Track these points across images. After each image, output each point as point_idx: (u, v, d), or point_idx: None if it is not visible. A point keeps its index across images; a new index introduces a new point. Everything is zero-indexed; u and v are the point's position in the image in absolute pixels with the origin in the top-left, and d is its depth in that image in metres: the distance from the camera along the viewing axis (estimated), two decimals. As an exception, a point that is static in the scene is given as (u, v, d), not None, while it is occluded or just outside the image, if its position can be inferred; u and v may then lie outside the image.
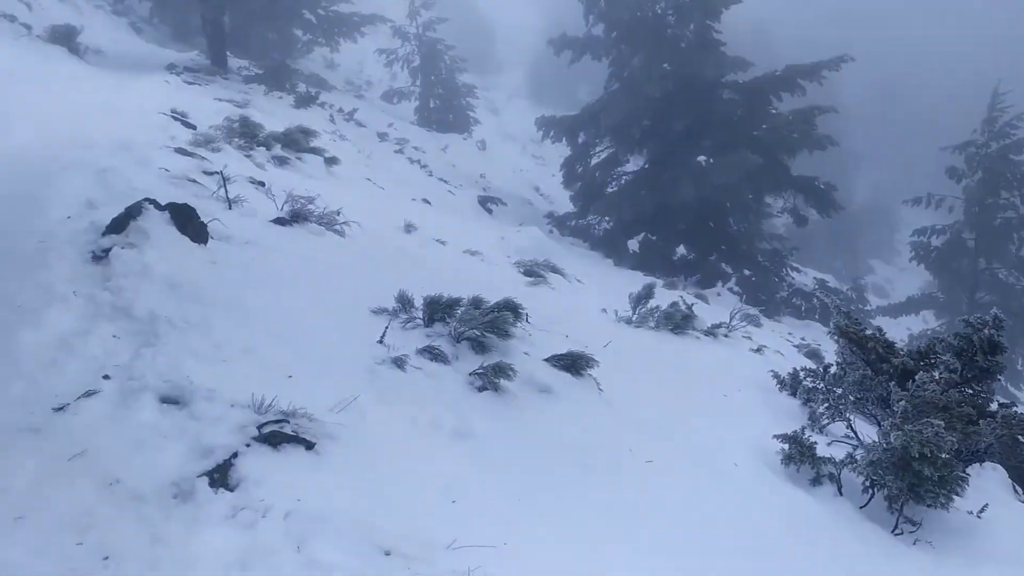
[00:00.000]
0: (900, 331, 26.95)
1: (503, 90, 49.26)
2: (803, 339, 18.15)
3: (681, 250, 25.10)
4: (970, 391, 7.32)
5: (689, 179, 23.13)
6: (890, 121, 60.20)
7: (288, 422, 4.45)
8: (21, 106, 12.61)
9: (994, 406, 7.47)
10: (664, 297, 12.92)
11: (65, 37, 21.33)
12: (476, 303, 7.23)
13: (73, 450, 4.05)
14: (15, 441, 4.14)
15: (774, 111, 24.16)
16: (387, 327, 6.45)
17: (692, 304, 13.10)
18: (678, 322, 11.12)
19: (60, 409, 4.44)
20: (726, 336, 12.23)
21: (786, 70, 23.73)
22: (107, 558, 3.35)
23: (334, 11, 27.37)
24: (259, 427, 4.33)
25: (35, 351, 5.14)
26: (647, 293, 11.43)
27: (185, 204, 7.32)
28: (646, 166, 25.55)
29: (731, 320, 13.06)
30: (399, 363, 5.89)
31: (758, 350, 12.36)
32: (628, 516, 4.58)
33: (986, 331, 7.15)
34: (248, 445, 4.16)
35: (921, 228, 31.30)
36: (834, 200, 23.80)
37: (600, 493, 4.77)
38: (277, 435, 4.29)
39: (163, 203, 7.30)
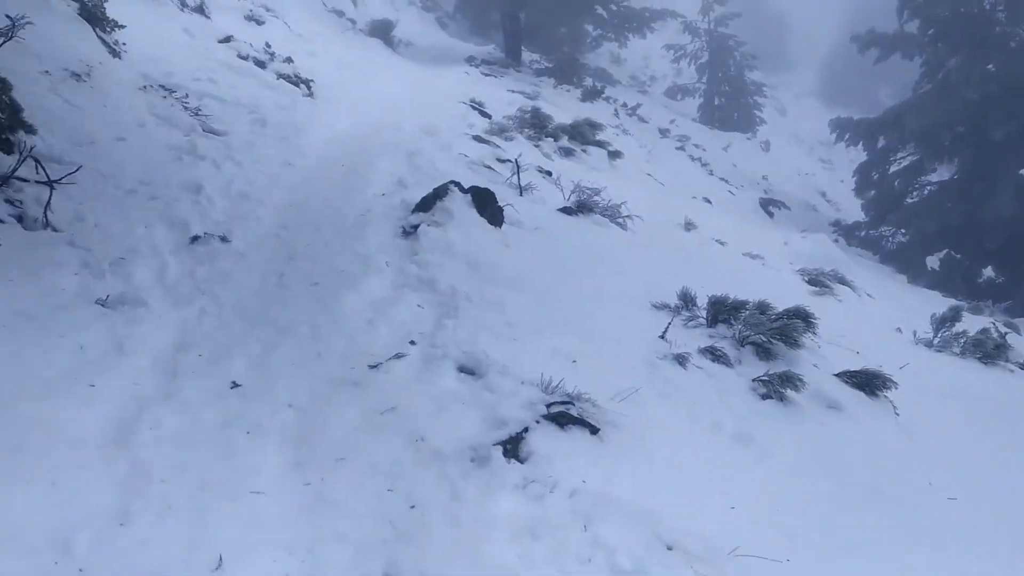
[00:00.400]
0: None
1: (792, 89, 46.99)
2: None
3: (989, 272, 22.46)
4: None
5: (1008, 193, 20.57)
6: None
7: (574, 404, 4.59)
8: (348, 93, 14.10)
9: None
10: (970, 323, 11.63)
11: (382, 31, 23.53)
12: (762, 308, 6.98)
13: (385, 405, 4.48)
14: (339, 391, 4.66)
15: (1122, 122, 20.80)
16: (670, 323, 6.42)
17: (1006, 333, 11.67)
18: (989, 351, 9.92)
19: (375, 367, 4.93)
20: (1047, 374, 10.76)
21: None
22: (413, 507, 3.67)
23: (626, 6, 27.62)
24: (547, 406, 4.50)
25: (354, 313, 5.74)
26: (953, 315, 10.33)
27: (486, 188, 7.78)
28: (955, 176, 23.13)
29: (1055, 357, 11.45)
30: (680, 360, 5.84)
31: (1087, 389, 10.74)
32: (926, 553, 4.19)
33: None
34: (537, 422, 4.35)
35: None
36: None
37: (894, 523, 4.42)
38: (564, 416, 4.43)
39: (465, 186, 7.82)
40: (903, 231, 23.39)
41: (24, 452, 3.57)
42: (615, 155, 15.34)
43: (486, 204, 7.59)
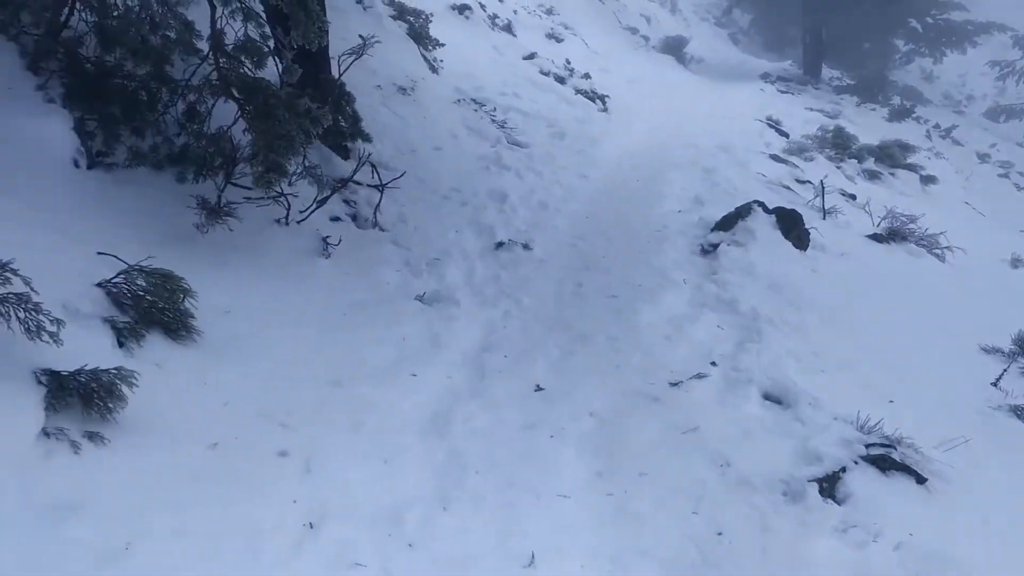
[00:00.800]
0: None
1: None
2: None
3: None
4: None
5: None
6: None
7: (895, 448, 4.17)
8: (641, 108, 14.19)
9: None
10: None
11: (675, 47, 23.46)
12: (1118, 362, 5.97)
13: (687, 424, 4.35)
14: (639, 405, 4.61)
15: None
16: (1005, 370, 5.69)
17: None
18: None
19: (675, 385, 4.82)
20: None
21: None
22: (720, 534, 3.51)
23: (944, 19, 25.22)
24: (866, 446, 4.13)
25: (651, 327, 5.68)
26: None
27: (792, 210, 7.42)
28: None
29: None
30: (1019, 413, 5.13)
31: None
32: None
33: None
34: (856, 462, 4.00)
35: None
36: None
37: None
38: (886, 459, 4.04)
39: (769, 207, 7.49)
40: None
41: (361, 431, 3.90)
42: (928, 180, 13.99)
43: (791, 226, 7.22)
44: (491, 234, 7.05)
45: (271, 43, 5.43)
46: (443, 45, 10.97)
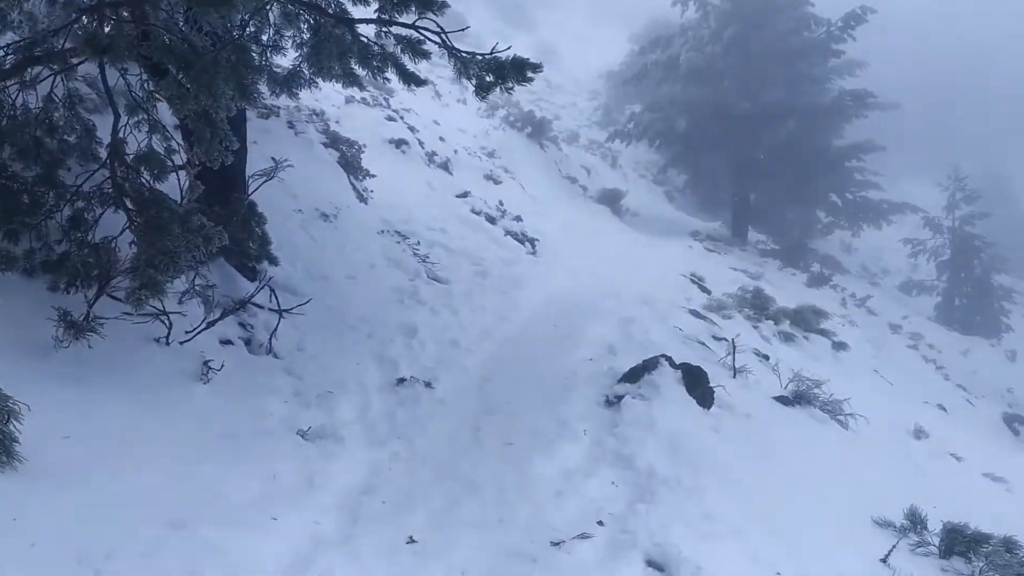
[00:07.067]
0: None
1: (1046, 296, 42.75)
2: None
3: None
4: None
5: None
6: None
7: (775, 630, 3.96)
8: (571, 254, 14.43)
9: None
10: None
11: (611, 199, 24.31)
12: (1009, 545, 5.94)
13: (562, 590, 4.09)
14: (516, 566, 4.34)
15: None
16: (894, 546, 5.57)
17: None
18: None
19: (557, 544, 4.58)
20: None
21: None
22: None
23: (862, 196, 26.80)
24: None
25: (544, 480, 5.47)
26: None
27: (698, 367, 7.41)
28: None
29: None
30: (907, 595, 4.99)
31: None
32: None
33: None
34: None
35: None
36: None
37: None
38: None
39: (677, 361, 7.48)
40: None
41: (194, 583, 3.53)
42: (839, 346, 14.39)
43: (696, 383, 7.19)
44: (394, 369, 6.87)
45: (176, 157, 5.34)
46: (374, 176, 11.09)
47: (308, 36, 5.83)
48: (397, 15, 4.97)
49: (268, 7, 5.46)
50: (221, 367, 5.46)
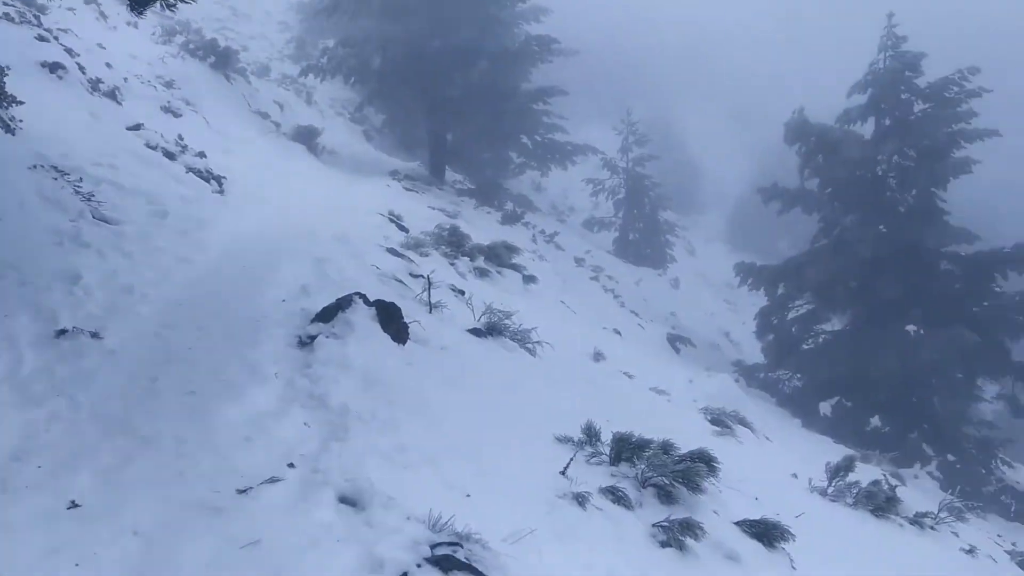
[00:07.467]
0: None
1: (702, 231, 48.91)
2: (1014, 545, 15.81)
3: (876, 421, 23.10)
4: None
5: (894, 349, 21.51)
6: None
7: (462, 546, 4.14)
8: (263, 193, 13.74)
9: None
10: (861, 471, 11.71)
11: (307, 137, 23.54)
12: (666, 447, 6.74)
13: (248, 537, 3.93)
14: (197, 517, 4.08)
15: (998, 289, 22.23)
16: (571, 459, 6.07)
17: (896, 486, 11.77)
18: (880, 504, 9.96)
19: (243, 492, 4.38)
20: (933, 528, 10.83)
21: (1016, 248, 21.88)
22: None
23: (550, 139, 28.52)
24: (432, 547, 4.04)
25: (231, 427, 5.19)
26: (846, 465, 10.36)
27: (392, 303, 7.43)
28: (847, 327, 24.07)
29: (939, 511, 11.60)
30: (580, 500, 5.47)
31: (970, 551, 10.81)
32: None
33: None
34: (419, 566, 3.88)
35: None
36: (1061, 397, 21.25)
37: None
38: (449, 560, 3.98)
39: (371, 299, 7.45)
40: (799, 376, 24.03)
41: None
42: (530, 279, 15.30)
43: (391, 319, 7.22)
44: (53, 320, 6.09)
45: None
46: (22, 103, 9.61)
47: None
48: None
49: None
50: None
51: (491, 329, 9.19)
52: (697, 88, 55.84)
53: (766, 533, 6.43)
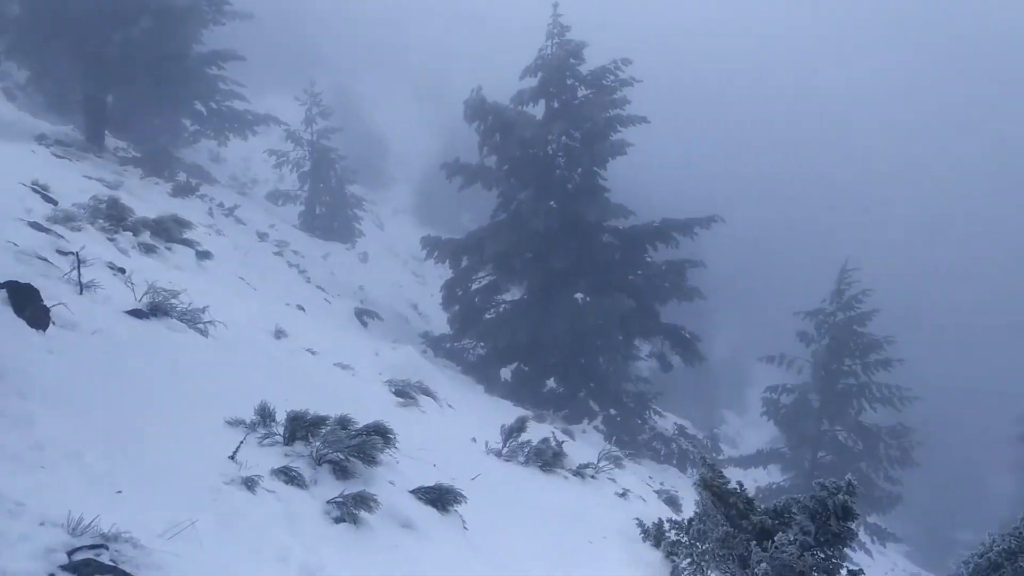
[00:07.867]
0: (748, 482, 27.45)
1: (390, 204, 49.51)
2: (662, 484, 18.21)
3: (551, 383, 25.18)
4: (822, 555, 7.25)
5: (565, 315, 23.52)
6: (752, 281, 63.76)
7: (107, 548, 3.81)
8: None
9: (843, 573, 7.43)
10: (535, 430, 12.69)
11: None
12: (343, 423, 6.74)
13: None
14: None
15: (649, 259, 25.17)
16: (241, 442, 5.85)
17: (562, 442, 12.92)
18: (548, 459, 10.90)
19: None
20: (593, 478, 12.08)
21: (663, 223, 24.86)
22: None
23: (227, 106, 27.00)
24: (70, 553, 3.67)
25: None
26: (519, 426, 11.16)
27: (27, 284, 6.59)
28: (524, 297, 25.83)
29: (598, 461, 12.97)
30: (250, 484, 5.29)
31: (623, 494, 12.24)
32: None
33: (840, 496, 7.15)
34: (52, 575, 3.50)
35: (772, 386, 31.94)
36: (698, 350, 24.65)
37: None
38: (90, 564, 3.64)
39: (1, 280, 6.55)
40: (482, 344, 25.38)
41: None
42: (204, 255, 14.44)
43: (27, 303, 6.40)
44: None
45: None
46: None
47: None
48: None
49: None
50: None
51: (155, 309, 8.54)
52: (383, 62, 56.18)
53: (440, 498, 6.73)
